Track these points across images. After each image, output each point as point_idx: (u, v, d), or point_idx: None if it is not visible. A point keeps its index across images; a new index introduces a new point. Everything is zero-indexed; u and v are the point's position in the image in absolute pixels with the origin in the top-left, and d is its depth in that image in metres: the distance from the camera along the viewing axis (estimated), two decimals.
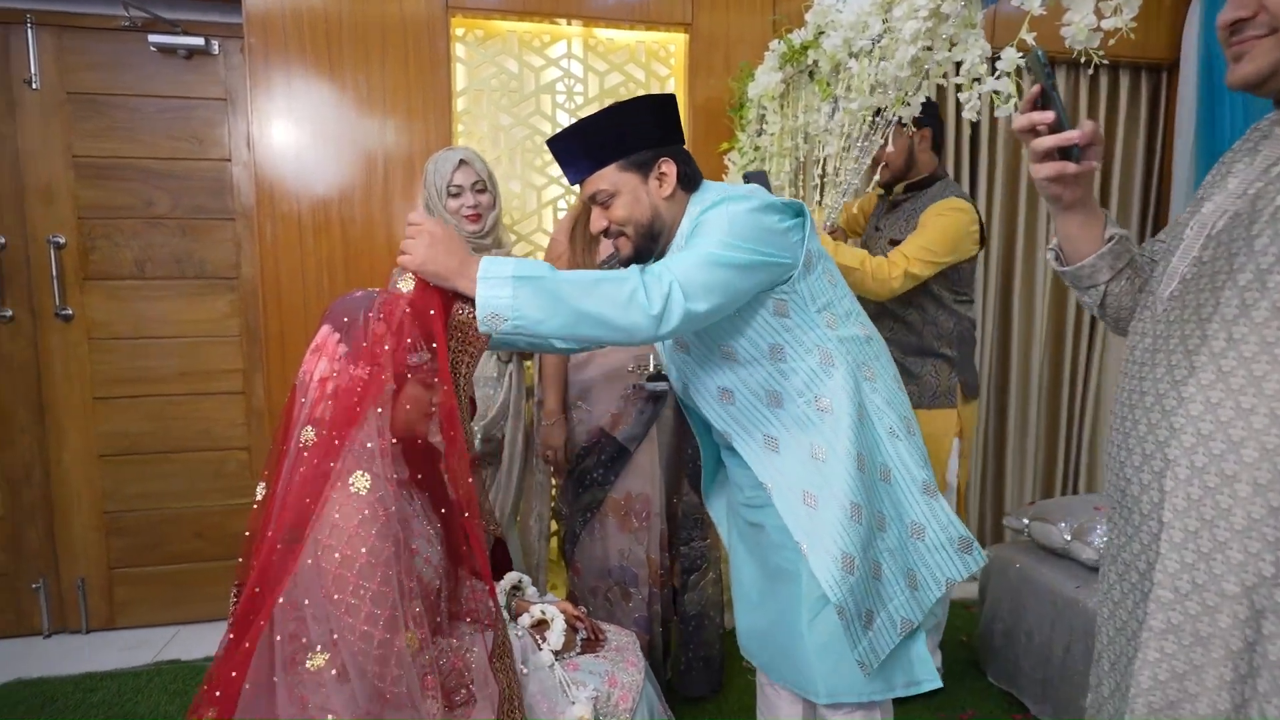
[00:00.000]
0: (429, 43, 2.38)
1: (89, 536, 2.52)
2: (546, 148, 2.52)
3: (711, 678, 2.04)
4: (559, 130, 1.27)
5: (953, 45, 1.47)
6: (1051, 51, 0.90)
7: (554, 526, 2.28)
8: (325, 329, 1.14)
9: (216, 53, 2.45)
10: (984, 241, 2.02)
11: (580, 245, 1.88)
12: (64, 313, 2.44)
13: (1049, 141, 0.91)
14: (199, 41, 2.39)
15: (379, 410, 1.12)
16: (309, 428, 1.13)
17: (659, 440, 1.92)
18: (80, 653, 2.41)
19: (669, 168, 1.24)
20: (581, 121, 1.22)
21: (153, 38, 2.35)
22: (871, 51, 1.60)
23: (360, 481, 1.11)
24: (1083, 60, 1.12)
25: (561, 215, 2.62)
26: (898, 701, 1.37)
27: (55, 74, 2.37)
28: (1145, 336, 0.99)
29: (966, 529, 1.27)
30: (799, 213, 1.23)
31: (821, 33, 1.81)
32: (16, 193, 2.38)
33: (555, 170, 2.61)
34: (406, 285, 1.12)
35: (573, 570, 1.97)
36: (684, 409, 1.43)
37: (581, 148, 1.22)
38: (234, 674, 1.09)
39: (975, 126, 2.80)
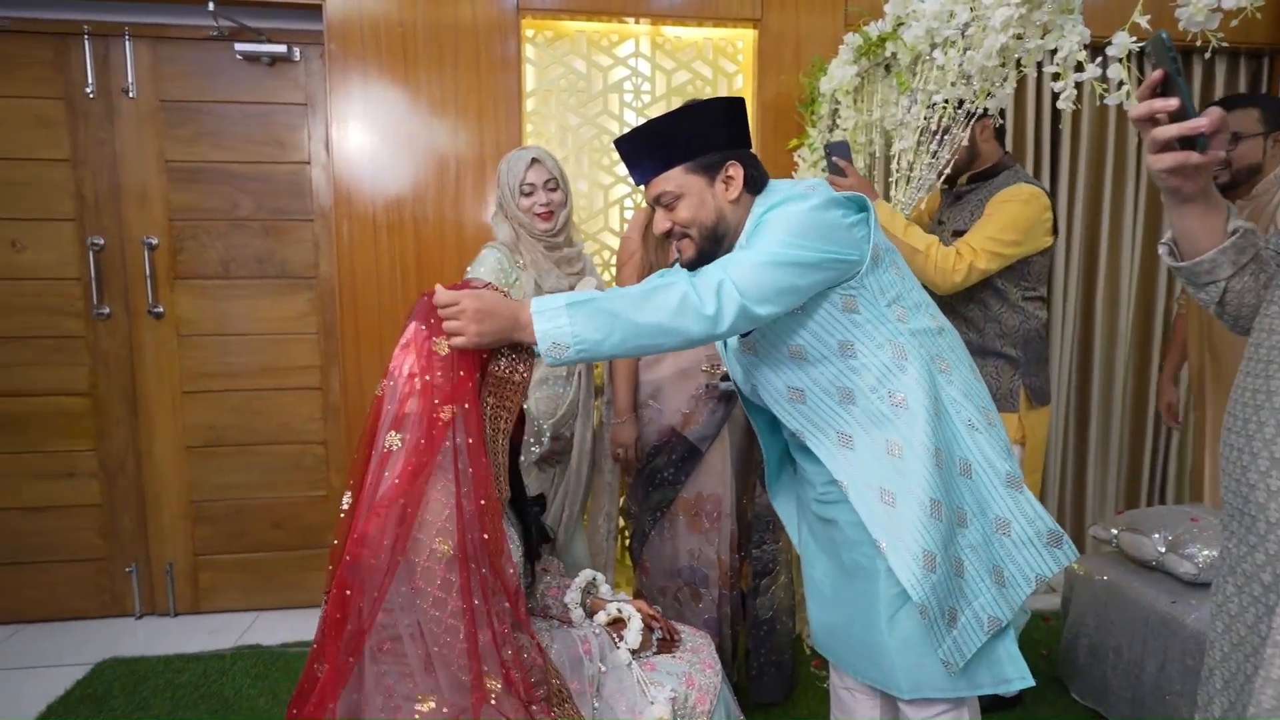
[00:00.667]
0: (500, 45, 2.41)
1: (176, 524, 2.65)
2: (614, 147, 2.54)
3: (783, 683, 2.01)
4: (626, 130, 1.27)
5: (1045, 32, 1.41)
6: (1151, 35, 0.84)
7: (621, 525, 2.28)
8: (414, 325, 1.16)
9: (298, 59, 2.54)
10: (1056, 231, 1.93)
11: (653, 243, 1.88)
12: (156, 310, 2.56)
13: (1172, 130, 0.85)
14: (281, 49, 2.48)
15: (467, 407, 1.13)
16: (393, 433, 1.16)
17: (730, 440, 1.90)
18: (168, 634, 2.53)
19: (736, 171, 1.23)
20: (650, 122, 1.23)
21: (239, 46, 2.45)
22: (956, 42, 1.55)
23: (445, 476, 1.13)
24: (1198, 44, 1.06)
25: (629, 215, 2.63)
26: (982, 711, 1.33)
27: (150, 83, 2.50)
28: (1273, 334, 0.93)
29: (1056, 523, 1.22)
30: (862, 207, 1.21)
31: (901, 24, 1.77)
32: (114, 196, 2.52)
33: (623, 170, 2.60)
34: (443, 349, 1.13)
35: (641, 570, 1.97)
36: (747, 408, 1.42)
37: (649, 148, 1.23)
38: (326, 671, 1.12)
39: (1056, 115, 2.69)
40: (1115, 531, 2.04)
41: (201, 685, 2.16)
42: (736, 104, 1.25)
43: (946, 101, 1.61)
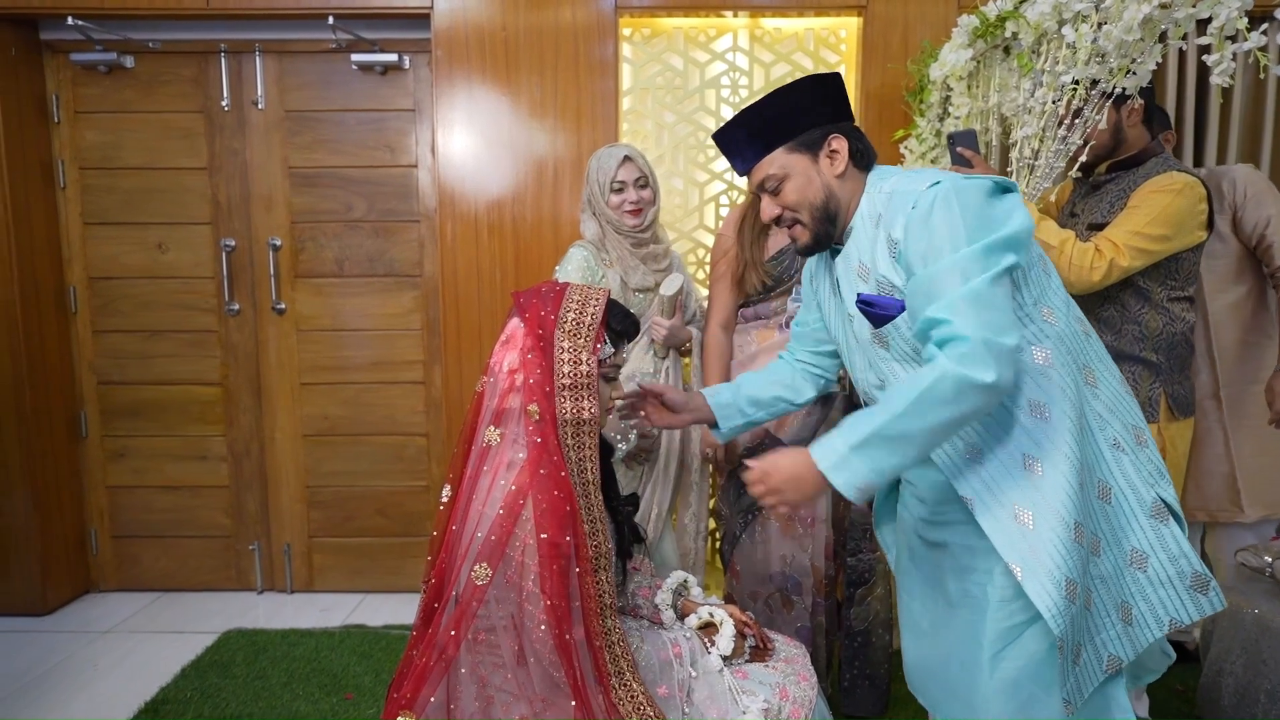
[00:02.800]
0: (598, 46, 2.43)
1: (294, 507, 2.82)
2: (710, 144, 2.51)
3: (877, 698, 1.92)
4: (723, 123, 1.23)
5: (1197, 0, 1.27)
6: None
7: (711, 526, 2.24)
8: (514, 322, 1.17)
9: (407, 67, 2.65)
10: (1212, 225, 1.74)
11: (749, 239, 1.83)
12: (279, 307, 2.74)
13: None
14: (393, 58, 2.59)
15: (541, 409, 1.14)
16: (492, 428, 1.17)
17: None
18: (285, 610, 2.70)
19: (840, 144, 1.16)
20: (747, 108, 1.19)
21: (355, 57, 2.58)
22: (1089, 16, 1.42)
23: (544, 473, 1.13)
24: None
25: (724, 212, 2.58)
26: None
27: (276, 95, 2.68)
28: None
29: (1204, 565, 1.09)
30: (1008, 188, 1.10)
31: (1024, 0, 1.64)
32: (244, 201, 2.71)
33: (718, 166, 2.58)
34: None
35: (731, 573, 1.93)
36: None
37: (748, 133, 1.18)
38: (423, 659, 1.15)
39: (1204, 94, 2.43)
40: (1269, 559, 1.82)
41: (313, 659, 2.29)
42: (833, 78, 1.19)
43: (1077, 82, 1.48)
